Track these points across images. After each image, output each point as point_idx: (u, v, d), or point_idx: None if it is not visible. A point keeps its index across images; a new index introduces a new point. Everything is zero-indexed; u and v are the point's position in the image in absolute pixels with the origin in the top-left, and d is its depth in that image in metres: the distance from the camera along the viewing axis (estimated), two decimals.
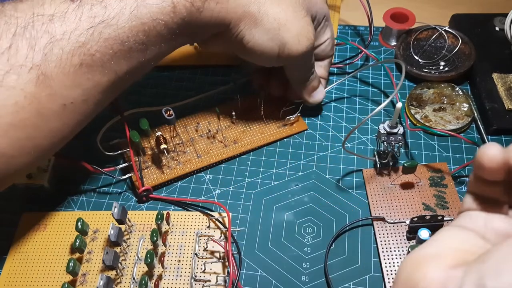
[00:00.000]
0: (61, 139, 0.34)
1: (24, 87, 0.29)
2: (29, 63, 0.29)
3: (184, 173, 0.43)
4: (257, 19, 0.36)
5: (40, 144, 0.32)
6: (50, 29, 0.30)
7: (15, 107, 0.29)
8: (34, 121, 0.31)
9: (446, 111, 0.46)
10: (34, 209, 0.41)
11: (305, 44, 0.38)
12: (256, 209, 0.41)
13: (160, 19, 0.33)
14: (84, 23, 0.31)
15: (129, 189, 0.43)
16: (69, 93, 0.31)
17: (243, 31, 0.37)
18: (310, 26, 0.39)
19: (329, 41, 0.44)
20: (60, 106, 0.31)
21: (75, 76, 0.31)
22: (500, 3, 0.58)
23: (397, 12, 0.54)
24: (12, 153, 0.31)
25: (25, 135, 0.31)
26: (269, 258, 0.38)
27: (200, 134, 0.45)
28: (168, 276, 0.37)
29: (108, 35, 0.31)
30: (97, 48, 0.31)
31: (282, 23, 0.37)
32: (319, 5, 0.41)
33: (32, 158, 0.32)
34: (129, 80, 0.35)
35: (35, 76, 0.30)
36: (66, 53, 0.30)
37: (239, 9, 0.36)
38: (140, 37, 0.32)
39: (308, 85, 0.44)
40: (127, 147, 0.41)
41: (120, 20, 0.31)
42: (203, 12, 0.34)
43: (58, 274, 0.38)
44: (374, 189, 0.41)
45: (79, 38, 0.30)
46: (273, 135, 0.46)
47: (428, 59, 0.51)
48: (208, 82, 0.52)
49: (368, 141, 0.46)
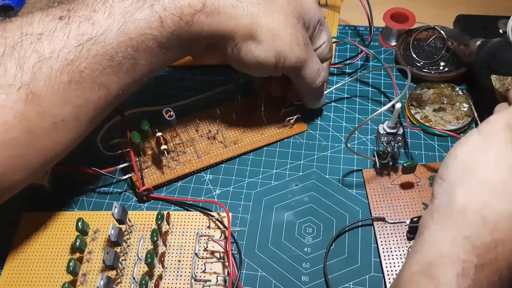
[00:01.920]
0: (53, 157, 0.34)
1: (13, 106, 0.29)
2: (18, 82, 0.29)
3: (184, 173, 0.43)
4: (251, 31, 0.36)
5: (32, 162, 0.32)
6: (38, 48, 0.30)
7: (4, 126, 0.30)
8: (24, 139, 0.31)
9: (446, 111, 0.46)
10: (34, 209, 0.41)
11: (297, 50, 0.38)
12: (256, 209, 0.41)
13: (148, 33, 0.33)
14: (72, 41, 0.31)
15: (129, 189, 0.43)
16: (59, 111, 0.31)
17: (240, 44, 0.37)
18: (300, 33, 0.39)
19: (326, 44, 0.44)
20: (50, 124, 0.31)
21: (65, 93, 0.31)
22: (500, 4, 0.58)
23: (397, 12, 0.54)
24: (3, 171, 0.31)
25: (16, 153, 0.31)
26: (269, 258, 0.38)
27: (200, 134, 0.45)
28: (168, 276, 0.37)
29: (96, 52, 0.31)
30: (85, 65, 0.31)
31: (275, 33, 0.37)
32: (312, 12, 0.40)
33: (24, 176, 0.32)
34: (122, 96, 0.35)
35: (24, 95, 0.30)
36: (55, 71, 0.30)
37: (231, 22, 0.35)
38: (129, 52, 0.32)
39: (318, 94, 0.44)
40: (127, 147, 0.41)
41: (108, 37, 0.31)
42: (193, 26, 0.34)
43: (59, 274, 0.38)
44: (374, 189, 0.41)
45: (67, 55, 0.30)
46: (273, 136, 0.46)
47: (428, 59, 0.51)
48: (208, 82, 0.52)
49: (368, 141, 0.46)
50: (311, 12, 0.40)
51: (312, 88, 0.43)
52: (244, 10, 0.36)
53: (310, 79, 0.42)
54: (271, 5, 0.37)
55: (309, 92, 0.44)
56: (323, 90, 0.45)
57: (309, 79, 0.41)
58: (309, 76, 0.41)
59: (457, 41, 0.46)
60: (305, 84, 0.42)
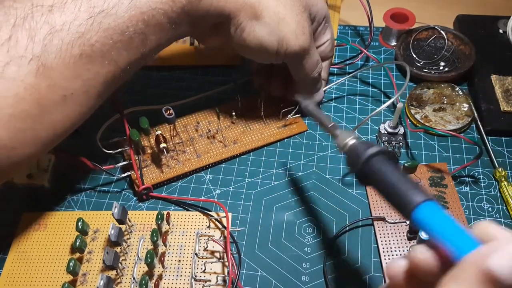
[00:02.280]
0: (62, 131, 0.33)
1: (24, 78, 0.29)
2: (29, 54, 0.29)
3: (183, 172, 0.43)
4: (257, 12, 0.36)
5: (41, 136, 0.32)
6: (49, 20, 0.30)
7: (15, 98, 0.29)
8: (35, 112, 0.30)
9: (446, 111, 0.46)
10: (34, 209, 0.41)
11: (302, 39, 0.38)
12: (256, 209, 0.41)
13: (159, 8, 0.33)
14: (83, 14, 0.30)
15: (129, 188, 0.43)
16: (69, 84, 0.31)
17: (244, 23, 0.36)
18: (306, 22, 0.39)
19: (329, 42, 0.44)
20: (60, 97, 0.31)
21: (75, 66, 0.31)
22: (500, 5, 0.58)
23: (397, 12, 0.54)
24: (13, 144, 0.30)
25: (26, 126, 0.31)
26: (269, 258, 0.38)
27: (200, 133, 0.45)
28: (168, 276, 0.37)
29: (107, 25, 0.31)
30: (96, 38, 0.31)
31: (281, 17, 0.37)
32: (319, 5, 0.41)
33: (34, 149, 0.32)
34: (130, 71, 0.35)
35: (35, 67, 0.29)
36: (66, 44, 0.30)
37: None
38: (139, 26, 0.32)
39: (314, 86, 0.44)
40: (126, 146, 0.41)
41: (119, 10, 0.31)
42: (203, 1, 0.34)
43: (58, 274, 0.38)
44: (374, 189, 0.41)
45: (78, 28, 0.30)
46: (272, 136, 0.46)
47: (428, 59, 0.51)
48: (208, 82, 0.52)
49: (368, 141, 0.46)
50: (318, 5, 0.40)
51: (310, 78, 0.43)
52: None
53: (309, 69, 0.42)
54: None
55: (305, 83, 0.44)
56: (319, 81, 0.45)
57: (308, 69, 0.42)
58: (308, 66, 0.41)
59: (321, 125, 0.33)
60: (303, 74, 0.42)
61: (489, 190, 0.41)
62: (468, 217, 0.39)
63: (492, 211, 0.40)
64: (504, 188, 0.40)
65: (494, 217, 0.39)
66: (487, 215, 0.40)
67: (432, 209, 0.22)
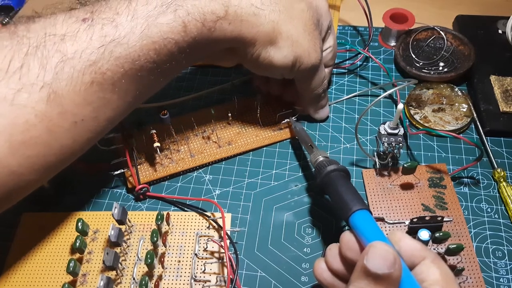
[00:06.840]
0: (70, 156, 0.33)
1: (35, 105, 0.29)
2: (40, 81, 0.29)
3: (176, 171, 0.43)
4: (272, 39, 0.36)
5: (50, 162, 0.32)
6: (61, 48, 0.30)
7: (25, 125, 0.29)
8: (45, 139, 0.30)
9: (445, 112, 0.46)
10: (34, 209, 0.41)
11: (314, 56, 0.39)
12: (256, 210, 0.41)
13: (171, 38, 0.32)
14: (95, 42, 0.31)
15: (126, 187, 0.43)
16: (80, 110, 0.31)
17: (259, 50, 0.37)
18: (317, 39, 0.40)
19: (331, 49, 0.44)
20: (71, 123, 0.31)
21: (86, 94, 0.31)
22: (500, 5, 0.58)
23: (396, 12, 0.54)
24: (22, 171, 0.30)
25: (36, 153, 0.31)
26: (269, 259, 0.38)
27: (195, 133, 0.45)
28: (168, 276, 0.37)
29: (119, 54, 0.31)
30: (108, 66, 0.31)
31: (294, 40, 0.37)
32: (325, 15, 0.41)
33: (41, 175, 0.32)
34: (141, 98, 0.35)
35: (46, 94, 0.30)
36: (77, 72, 0.30)
37: (253, 29, 0.35)
38: (151, 55, 0.32)
39: (317, 102, 0.45)
40: (121, 143, 0.42)
41: (130, 39, 0.31)
42: (215, 32, 0.34)
43: (58, 275, 0.38)
44: (374, 190, 0.41)
45: (90, 56, 0.30)
46: (267, 139, 0.46)
47: (428, 60, 0.51)
48: (208, 82, 0.52)
49: (367, 141, 0.46)
50: (324, 16, 0.41)
51: (314, 94, 0.43)
52: (265, 18, 0.36)
53: (314, 85, 0.42)
54: (291, 11, 0.37)
55: (310, 98, 0.44)
56: (322, 98, 0.45)
57: (314, 85, 0.42)
58: (315, 82, 0.42)
59: (302, 142, 0.42)
60: (309, 90, 0.43)
61: (488, 191, 0.41)
62: (467, 217, 0.39)
63: (491, 211, 0.40)
64: (503, 188, 0.40)
65: (493, 217, 0.40)
66: (486, 215, 0.40)
67: (364, 216, 0.30)
